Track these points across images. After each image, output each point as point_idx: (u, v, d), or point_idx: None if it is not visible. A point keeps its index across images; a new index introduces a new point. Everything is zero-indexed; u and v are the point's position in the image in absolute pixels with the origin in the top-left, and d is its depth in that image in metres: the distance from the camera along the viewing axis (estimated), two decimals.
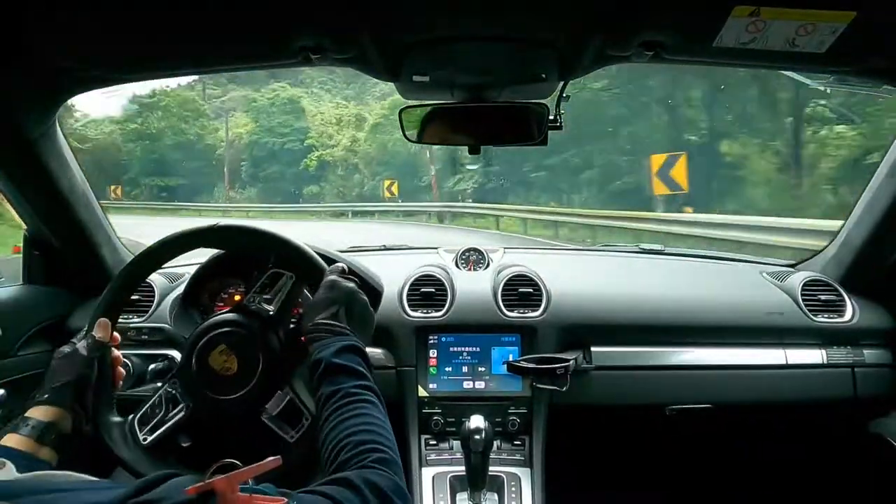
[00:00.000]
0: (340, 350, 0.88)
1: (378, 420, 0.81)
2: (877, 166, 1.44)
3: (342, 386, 0.83)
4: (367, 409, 0.81)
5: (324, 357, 0.87)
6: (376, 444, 0.76)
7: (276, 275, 1.07)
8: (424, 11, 0.94)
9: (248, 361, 1.01)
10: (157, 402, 1.05)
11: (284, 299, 1.06)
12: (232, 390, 1.00)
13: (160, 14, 0.93)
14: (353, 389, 0.83)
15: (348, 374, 0.86)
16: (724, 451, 1.83)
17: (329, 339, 0.91)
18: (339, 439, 0.77)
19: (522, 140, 1.27)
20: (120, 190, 20.62)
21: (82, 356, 0.94)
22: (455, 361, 1.49)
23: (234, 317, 1.05)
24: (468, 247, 1.79)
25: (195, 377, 1.02)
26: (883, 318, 1.54)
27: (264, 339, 1.03)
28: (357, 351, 0.90)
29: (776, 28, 0.90)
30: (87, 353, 0.95)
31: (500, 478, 1.36)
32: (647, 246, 2.02)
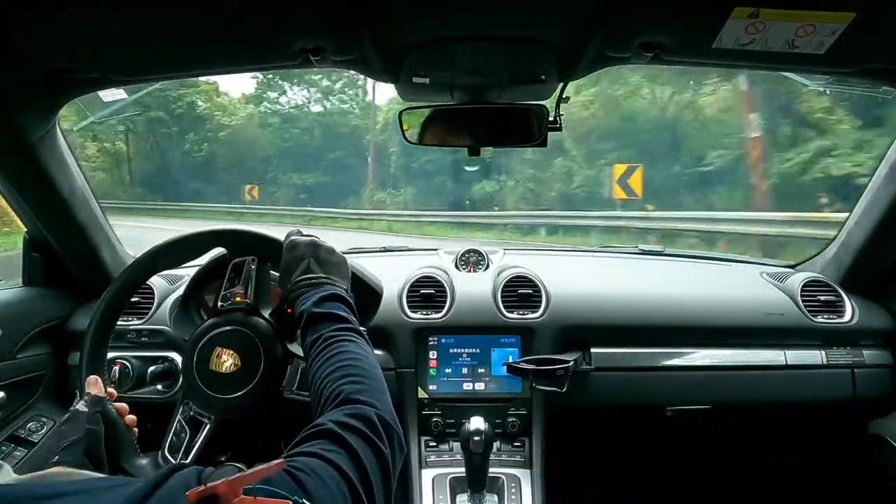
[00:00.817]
0: (320, 300, 0.89)
1: (356, 354, 0.81)
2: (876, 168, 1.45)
3: (322, 332, 0.84)
4: (346, 347, 0.82)
5: (305, 309, 0.88)
6: (353, 376, 0.76)
7: (239, 265, 1.07)
8: (424, 13, 0.94)
9: (250, 355, 1.00)
10: (178, 429, 1.05)
11: (256, 284, 1.06)
12: (241, 386, 1.00)
13: (158, 17, 0.93)
14: (332, 333, 0.84)
15: (328, 319, 0.87)
16: (723, 452, 1.83)
17: (308, 291, 0.92)
18: (321, 381, 0.77)
19: (522, 141, 1.27)
20: (256, 191, 16.01)
21: (84, 413, 0.93)
22: (455, 363, 1.49)
23: (223, 318, 1.05)
24: (468, 248, 1.79)
25: (199, 381, 1.01)
26: (882, 318, 1.54)
27: (255, 328, 1.02)
28: (337, 297, 0.91)
29: (776, 29, 0.90)
30: (89, 410, 0.94)
31: (499, 479, 1.36)
32: (647, 247, 2.02)
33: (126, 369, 1.39)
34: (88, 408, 0.93)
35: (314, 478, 0.58)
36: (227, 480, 0.50)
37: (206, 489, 0.49)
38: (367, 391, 0.74)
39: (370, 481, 0.63)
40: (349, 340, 0.83)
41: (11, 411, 1.37)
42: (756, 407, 1.57)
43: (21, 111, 1.15)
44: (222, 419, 1.02)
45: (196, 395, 1.02)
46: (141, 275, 1.11)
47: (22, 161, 1.24)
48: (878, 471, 1.52)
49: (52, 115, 1.23)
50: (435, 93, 1.23)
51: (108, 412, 0.95)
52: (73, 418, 0.93)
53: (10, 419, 1.37)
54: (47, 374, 1.47)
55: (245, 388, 0.99)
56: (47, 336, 1.46)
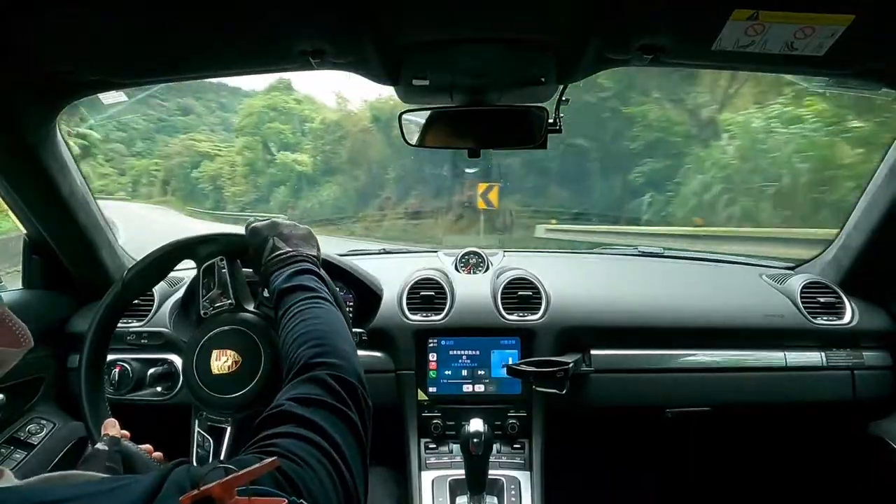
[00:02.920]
0: (290, 275, 0.90)
1: (319, 318, 0.81)
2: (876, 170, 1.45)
3: (290, 304, 0.85)
4: (311, 313, 0.82)
5: (276, 287, 0.89)
6: (313, 339, 0.76)
7: (210, 268, 1.07)
8: (423, 15, 0.95)
9: (248, 351, 1.00)
10: (200, 440, 1.04)
11: (231, 283, 1.05)
12: (245, 383, 0.99)
13: (158, 19, 0.93)
14: (299, 303, 0.84)
15: (296, 291, 0.87)
16: (723, 454, 1.83)
17: (279, 269, 0.93)
18: (287, 351, 0.77)
19: (522, 143, 1.27)
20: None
21: (105, 451, 0.93)
22: (454, 365, 1.49)
23: (240, 315, 1.05)
24: (468, 250, 1.79)
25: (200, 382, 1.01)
26: (882, 320, 1.54)
27: (249, 325, 1.02)
28: (306, 272, 0.92)
29: (775, 31, 0.90)
30: (109, 449, 0.93)
31: (499, 481, 1.36)
32: (647, 249, 2.02)
33: (126, 371, 1.39)
34: (108, 447, 0.93)
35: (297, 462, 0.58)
36: (220, 483, 0.50)
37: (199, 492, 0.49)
38: (326, 353, 0.74)
39: (343, 452, 0.62)
40: (315, 307, 0.84)
41: (11, 413, 1.37)
42: (756, 408, 1.57)
43: (21, 113, 1.15)
44: (241, 420, 1.02)
45: (200, 398, 1.01)
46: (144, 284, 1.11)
47: (22, 163, 1.24)
48: (878, 472, 1.52)
49: (52, 118, 1.23)
50: (435, 95, 1.23)
51: (126, 450, 0.95)
52: (93, 456, 0.92)
53: (9, 421, 1.37)
54: (47, 377, 1.47)
55: (250, 384, 0.98)
56: (47, 338, 1.46)
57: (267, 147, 21.77)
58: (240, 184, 23.45)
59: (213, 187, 25.17)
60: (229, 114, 30.21)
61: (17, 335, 0.61)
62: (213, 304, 1.06)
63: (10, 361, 0.63)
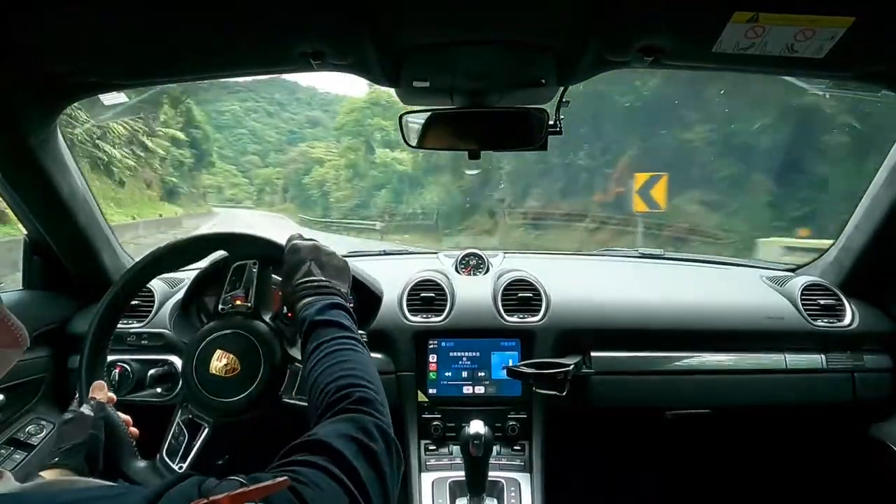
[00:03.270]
0: (323, 308, 0.90)
1: (358, 363, 0.81)
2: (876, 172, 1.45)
3: (324, 339, 0.84)
4: (348, 356, 0.82)
5: (307, 316, 0.89)
6: (355, 385, 0.76)
7: (240, 267, 1.07)
8: (423, 17, 0.95)
9: (250, 359, 1.00)
10: (177, 432, 1.04)
11: (257, 288, 1.06)
12: (240, 390, 1.00)
13: (158, 20, 0.93)
14: (334, 340, 0.84)
15: (330, 326, 0.87)
16: (724, 456, 1.83)
17: (312, 297, 0.92)
18: (321, 388, 0.77)
19: (523, 145, 1.27)
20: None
21: (90, 417, 0.94)
22: (455, 366, 1.49)
23: (240, 320, 1.05)
24: (468, 251, 1.79)
25: (198, 384, 1.01)
26: (882, 322, 1.54)
27: (255, 332, 1.02)
28: (339, 306, 0.91)
29: (775, 33, 0.90)
30: (94, 414, 0.95)
31: (499, 483, 1.36)
32: (647, 251, 2.02)
33: (126, 372, 1.39)
34: (93, 412, 0.94)
35: (315, 489, 0.57)
36: (229, 495, 0.49)
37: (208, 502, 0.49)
38: (366, 401, 0.74)
39: (367, 492, 0.62)
40: (351, 349, 0.84)
41: (11, 414, 1.37)
42: (756, 411, 1.57)
43: (22, 114, 1.15)
44: (220, 423, 1.02)
45: (195, 398, 1.02)
46: (142, 278, 1.11)
47: (22, 164, 1.24)
48: (879, 475, 1.51)
49: (52, 118, 1.23)
50: (435, 96, 1.23)
51: (110, 417, 0.96)
52: (77, 420, 0.93)
53: (9, 422, 1.37)
54: (47, 378, 1.47)
55: (244, 392, 0.99)
56: (47, 339, 1.46)
57: (370, 146, 21.28)
58: (343, 188, 23.17)
59: (321, 193, 24.93)
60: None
61: (16, 335, 0.61)
62: (232, 303, 1.06)
63: (8, 362, 0.63)
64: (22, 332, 0.61)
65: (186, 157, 27.11)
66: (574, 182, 10.50)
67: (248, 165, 38.87)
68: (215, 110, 64.97)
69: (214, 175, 43.01)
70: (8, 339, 0.60)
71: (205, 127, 35.27)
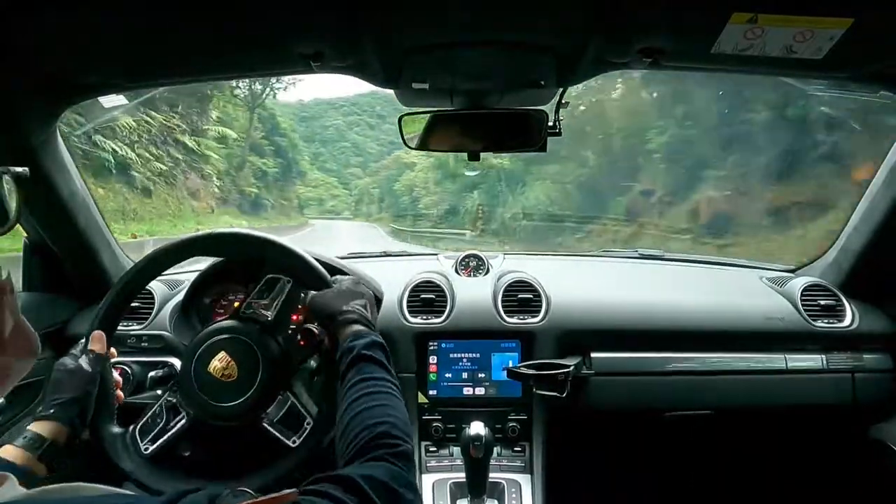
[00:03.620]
0: (371, 344, 0.92)
1: (400, 413, 0.83)
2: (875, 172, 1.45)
3: (370, 375, 0.86)
4: (391, 401, 0.84)
5: (356, 346, 0.90)
6: (395, 436, 0.77)
7: (273, 280, 1.08)
8: (423, 18, 0.95)
9: (248, 368, 1.01)
10: (157, 412, 1.05)
11: (282, 305, 1.07)
12: (232, 397, 1.00)
13: (158, 22, 0.93)
14: (380, 381, 0.86)
15: (378, 365, 0.89)
16: (724, 457, 1.83)
17: (362, 328, 0.95)
18: (361, 426, 0.78)
19: (522, 146, 1.28)
20: None
21: (87, 372, 0.96)
22: (455, 368, 1.49)
23: (234, 324, 1.06)
24: (468, 253, 1.79)
25: (195, 385, 1.02)
26: (883, 322, 1.54)
27: (263, 345, 1.03)
28: (384, 349, 0.93)
29: (774, 34, 0.90)
30: (91, 369, 0.96)
31: (500, 484, 1.36)
32: (647, 251, 2.02)
33: (126, 374, 1.38)
34: (91, 367, 0.96)
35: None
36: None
37: None
38: (405, 456, 0.75)
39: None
40: (394, 395, 0.86)
41: (11, 416, 1.37)
42: (756, 411, 1.57)
43: (21, 116, 1.15)
44: (199, 421, 1.03)
45: (183, 386, 1.03)
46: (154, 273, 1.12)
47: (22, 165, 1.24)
48: (879, 476, 1.51)
49: (52, 120, 1.23)
50: (435, 98, 1.23)
51: (105, 374, 0.99)
52: (74, 371, 0.95)
53: (9, 424, 1.37)
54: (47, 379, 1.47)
55: (231, 401, 1.00)
56: (47, 341, 1.46)
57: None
58: (432, 192, 22.15)
59: (410, 199, 24.28)
60: None
61: (31, 344, 0.61)
62: (255, 309, 1.07)
63: (23, 371, 0.63)
64: (35, 339, 0.61)
65: (270, 167, 26.84)
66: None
67: (350, 177, 38.78)
68: (320, 126, 66.10)
69: (316, 187, 43.27)
70: (25, 349, 0.60)
71: (290, 135, 34.72)
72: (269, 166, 26.40)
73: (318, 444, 1.01)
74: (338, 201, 44.56)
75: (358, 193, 35.33)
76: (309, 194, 40.41)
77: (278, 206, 27.51)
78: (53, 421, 0.90)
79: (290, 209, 30.41)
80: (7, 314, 0.53)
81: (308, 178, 43.41)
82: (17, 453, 0.85)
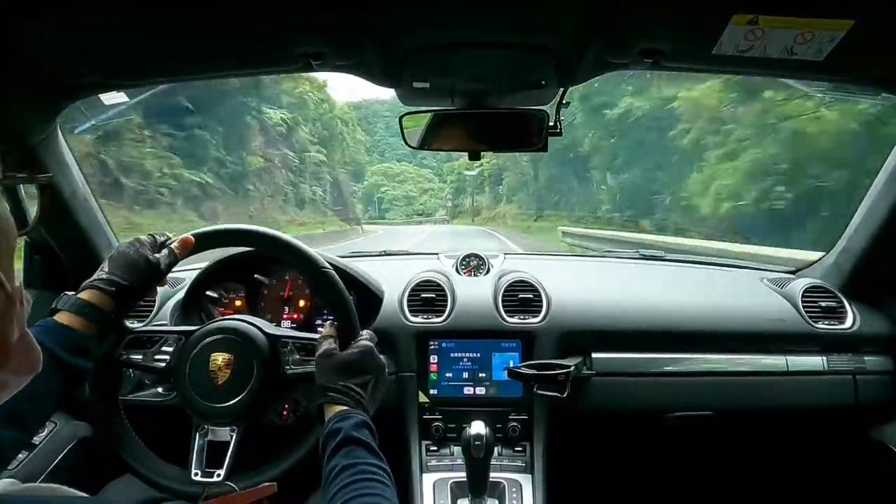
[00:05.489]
0: (359, 424, 0.88)
1: (390, 501, 0.79)
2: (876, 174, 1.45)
3: (359, 461, 0.82)
4: (384, 492, 0.79)
5: (343, 427, 0.86)
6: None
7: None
8: (424, 18, 0.95)
9: (238, 382, 0.99)
10: (154, 339, 1.07)
11: (304, 375, 1.04)
12: (206, 396, 0.99)
13: (160, 21, 0.93)
14: (370, 467, 0.82)
15: (366, 449, 0.84)
16: (725, 458, 1.83)
17: (350, 409, 0.91)
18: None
19: (523, 146, 1.28)
20: None
21: (160, 269, 0.98)
22: (455, 367, 1.49)
23: (253, 333, 1.04)
24: (468, 252, 1.79)
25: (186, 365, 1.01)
26: (884, 324, 1.53)
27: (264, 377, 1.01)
28: (372, 430, 0.89)
29: (775, 36, 0.90)
30: (164, 268, 0.98)
31: (500, 484, 1.36)
32: (648, 252, 2.02)
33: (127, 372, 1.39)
34: (165, 266, 0.99)
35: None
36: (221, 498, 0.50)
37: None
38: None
39: None
40: (384, 484, 0.81)
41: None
42: (757, 413, 1.57)
43: (22, 114, 1.15)
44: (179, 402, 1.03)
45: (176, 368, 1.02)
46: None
47: (23, 164, 1.24)
48: (880, 478, 1.51)
49: (53, 119, 1.23)
50: (436, 97, 1.23)
51: (165, 276, 1.01)
52: (150, 263, 0.97)
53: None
54: None
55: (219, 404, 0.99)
56: None
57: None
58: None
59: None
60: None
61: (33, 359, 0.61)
62: (299, 360, 1.06)
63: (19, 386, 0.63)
64: (38, 355, 0.61)
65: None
66: None
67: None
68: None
69: (402, 182, 39.38)
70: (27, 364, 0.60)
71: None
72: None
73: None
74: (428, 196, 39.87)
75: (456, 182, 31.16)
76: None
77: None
78: (110, 297, 0.92)
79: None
80: (14, 325, 0.53)
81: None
82: (77, 321, 0.89)
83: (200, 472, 1.00)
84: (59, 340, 0.86)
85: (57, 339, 0.85)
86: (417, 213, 37.89)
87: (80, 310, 0.90)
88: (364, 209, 43.92)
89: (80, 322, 0.89)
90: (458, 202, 28.03)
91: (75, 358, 0.87)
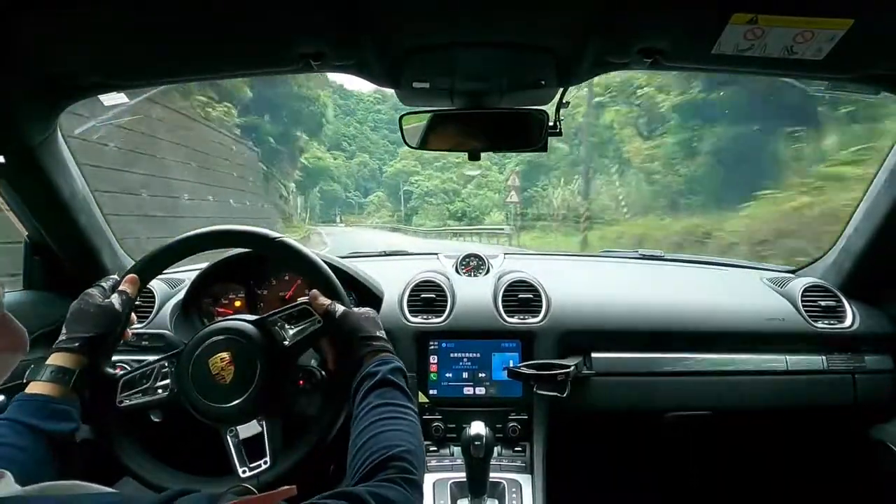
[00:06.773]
0: (395, 370, 0.93)
1: (420, 443, 0.83)
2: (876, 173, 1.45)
3: (393, 401, 0.86)
4: (412, 429, 0.83)
5: (382, 370, 0.91)
6: (411, 463, 0.77)
7: (306, 312, 1.06)
8: (424, 18, 0.95)
9: (245, 376, 0.99)
10: (147, 374, 1.05)
11: (302, 339, 1.05)
12: (220, 400, 0.99)
13: (159, 21, 0.93)
14: (402, 408, 0.86)
15: (401, 392, 0.89)
16: (725, 457, 1.83)
17: (387, 354, 0.97)
18: (379, 444, 0.78)
19: (523, 146, 1.28)
20: None
21: (116, 311, 0.99)
22: (455, 367, 1.49)
23: (241, 325, 1.04)
24: (468, 252, 1.79)
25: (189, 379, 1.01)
26: (883, 323, 1.54)
27: (267, 360, 1.01)
28: (405, 375, 0.95)
29: (774, 35, 0.90)
30: (121, 310, 0.99)
31: (500, 484, 1.36)
32: (647, 252, 2.02)
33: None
34: (121, 308, 1.00)
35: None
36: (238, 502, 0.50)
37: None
38: (413, 480, 0.76)
39: None
40: (414, 422, 0.86)
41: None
42: (757, 412, 1.57)
43: (22, 115, 1.15)
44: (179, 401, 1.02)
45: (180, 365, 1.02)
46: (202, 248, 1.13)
47: (23, 165, 1.24)
48: (880, 476, 1.51)
49: (53, 119, 1.23)
50: (435, 97, 1.23)
51: (128, 317, 1.02)
52: (105, 310, 0.98)
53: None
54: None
55: (223, 404, 0.99)
56: (48, 339, 1.45)
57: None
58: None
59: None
60: None
61: (16, 338, 0.61)
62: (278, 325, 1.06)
63: (9, 366, 0.63)
64: (23, 335, 0.61)
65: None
66: None
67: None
68: None
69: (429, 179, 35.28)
70: (8, 342, 0.60)
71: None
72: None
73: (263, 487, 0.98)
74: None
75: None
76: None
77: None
78: (77, 354, 0.93)
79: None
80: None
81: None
82: (49, 387, 0.90)
83: (248, 468, 1.00)
84: (34, 411, 0.86)
85: (31, 411, 0.86)
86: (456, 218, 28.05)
87: (52, 376, 0.91)
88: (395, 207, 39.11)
89: (53, 388, 0.90)
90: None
91: (55, 423, 0.87)
